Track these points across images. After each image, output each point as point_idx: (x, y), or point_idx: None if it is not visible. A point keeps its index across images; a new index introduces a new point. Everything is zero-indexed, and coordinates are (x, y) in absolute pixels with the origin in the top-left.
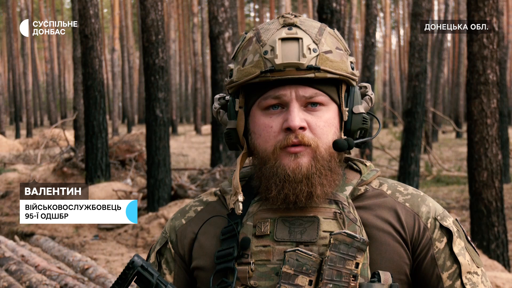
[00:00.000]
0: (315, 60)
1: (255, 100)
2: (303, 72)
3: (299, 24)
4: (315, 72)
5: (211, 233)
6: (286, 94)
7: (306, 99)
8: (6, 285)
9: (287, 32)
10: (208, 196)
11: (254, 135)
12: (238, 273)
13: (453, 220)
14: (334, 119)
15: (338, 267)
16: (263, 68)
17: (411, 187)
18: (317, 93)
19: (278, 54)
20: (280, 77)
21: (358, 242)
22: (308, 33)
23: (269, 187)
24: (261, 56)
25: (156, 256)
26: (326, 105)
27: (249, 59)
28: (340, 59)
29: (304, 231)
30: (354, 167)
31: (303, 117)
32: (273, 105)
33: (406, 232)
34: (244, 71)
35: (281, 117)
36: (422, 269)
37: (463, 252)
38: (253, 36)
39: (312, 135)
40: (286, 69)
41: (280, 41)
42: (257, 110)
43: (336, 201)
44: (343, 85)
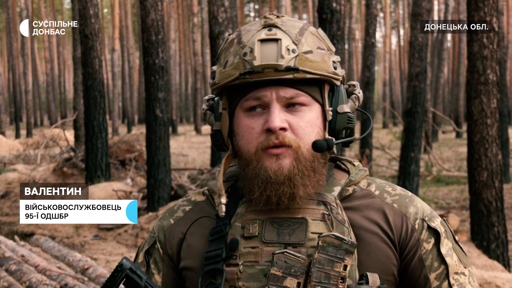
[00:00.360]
0: (294, 61)
1: (238, 102)
2: (281, 73)
3: (279, 24)
4: (293, 73)
5: (200, 234)
6: (267, 95)
7: (287, 100)
8: (6, 285)
9: (266, 33)
10: (197, 196)
11: (238, 137)
12: (227, 275)
13: (441, 221)
14: (317, 119)
15: (327, 269)
16: (242, 70)
17: (399, 187)
18: (298, 93)
19: (257, 56)
20: (258, 78)
21: (347, 245)
22: (288, 33)
23: (252, 188)
24: (240, 58)
25: (145, 256)
26: (308, 105)
27: (230, 61)
28: (321, 59)
29: (293, 233)
30: (342, 167)
31: (284, 118)
32: (255, 106)
33: (394, 233)
34: (225, 73)
35: (262, 118)
36: (409, 269)
37: (451, 253)
38: (235, 38)
39: (294, 136)
40: (265, 70)
41: (259, 42)
42: (240, 112)
43: (325, 202)
44: (326, 85)
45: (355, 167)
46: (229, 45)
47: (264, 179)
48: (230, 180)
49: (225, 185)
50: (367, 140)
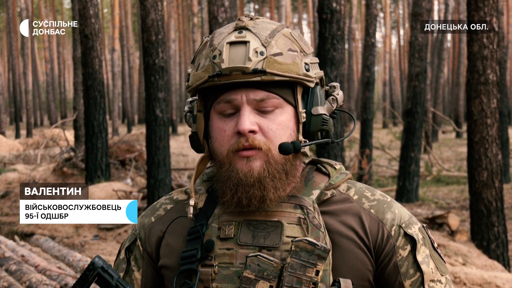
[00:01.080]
0: (261, 63)
1: (212, 104)
2: (249, 76)
3: (251, 27)
4: (261, 75)
5: (178, 233)
6: (237, 98)
7: (258, 102)
8: (6, 285)
9: (236, 35)
10: (179, 194)
11: (212, 139)
12: (201, 275)
13: (419, 227)
14: (289, 121)
15: (299, 274)
16: (211, 72)
17: (379, 192)
18: (269, 95)
19: (225, 58)
20: (227, 81)
21: (319, 250)
22: (257, 36)
23: (225, 190)
24: (210, 61)
25: (126, 253)
26: (280, 107)
27: (201, 64)
28: (291, 61)
29: (268, 236)
30: (322, 170)
31: (254, 121)
32: (226, 109)
33: (369, 239)
34: (197, 76)
35: (234, 121)
36: (385, 276)
37: (427, 260)
38: (208, 40)
39: (264, 138)
40: (233, 73)
41: (228, 45)
42: (214, 114)
43: (302, 206)
44: (299, 87)
45: (336, 170)
46: (203, 47)
47: (235, 181)
48: (211, 180)
49: (206, 184)
50: (367, 140)
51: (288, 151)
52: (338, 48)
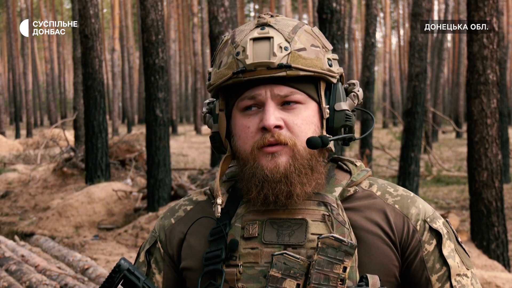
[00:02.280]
0: (286, 58)
1: (234, 102)
2: (274, 71)
3: (273, 23)
4: (286, 70)
5: (200, 234)
6: (261, 93)
7: (282, 98)
8: (6, 285)
9: (259, 32)
10: (198, 195)
11: (235, 137)
12: (226, 276)
13: (443, 222)
14: (313, 117)
15: (326, 271)
16: (235, 69)
17: (401, 187)
18: (293, 91)
19: (249, 54)
20: (251, 77)
21: (346, 246)
22: (280, 31)
23: (250, 188)
24: (233, 57)
25: (146, 255)
26: (304, 103)
27: (224, 61)
28: (315, 56)
29: (292, 234)
30: (344, 168)
31: (279, 116)
32: (250, 105)
33: (395, 235)
34: (219, 73)
35: (258, 117)
36: (411, 271)
37: (453, 255)
38: (229, 38)
39: (289, 134)
40: (257, 68)
41: (252, 41)
42: (237, 112)
43: (325, 203)
44: (322, 83)
45: (357, 167)
46: (223, 45)
47: (261, 178)
48: (232, 180)
49: (226, 185)
50: (367, 140)
51: (316, 145)
52: (338, 48)
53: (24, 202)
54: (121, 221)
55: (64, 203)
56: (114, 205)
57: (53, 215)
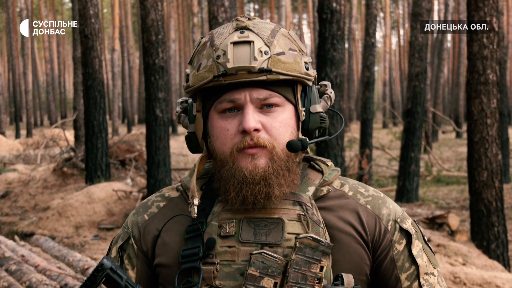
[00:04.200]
0: (266, 62)
1: (212, 104)
2: (255, 75)
3: (251, 27)
4: (267, 75)
5: (175, 231)
6: (241, 97)
7: (261, 101)
8: (6, 285)
9: (239, 35)
10: (171, 192)
11: (212, 138)
12: (204, 273)
13: (412, 222)
14: (290, 119)
15: (303, 270)
16: (216, 72)
17: (371, 188)
18: (272, 94)
19: (230, 58)
20: (232, 80)
21: (323, 246)
22: (260, 35)
23: (228, 189)
24: (214, 61)
25: (118, 251)
26: (282, 106)
27: (203, 64)
28: (293, 60)
29: (269, 233)
30: (316, 167)
31: (258, 119)
32: (229, 108)
33: (367, 234)
34: (199, 76)
35: (237, 119)
36: (381, 270)
37: (421, 254)
38: (208, 41)
39: (268, 136)
40: (238, 72)
41: (232, 45)
42: (214, 114)
43: (300, 203)
44: (299, 86)
45: (328, 167)
46: (202, 48)
47: (240, 179)
48: (205, 177)
49: (200, 182)
50: (367, 140)
51: (296, 148)
52: (338, 48)
53: (24, 202)
54: (121, 221)
55: (64, 203)
56: (114, 205)
57: (53, 215)
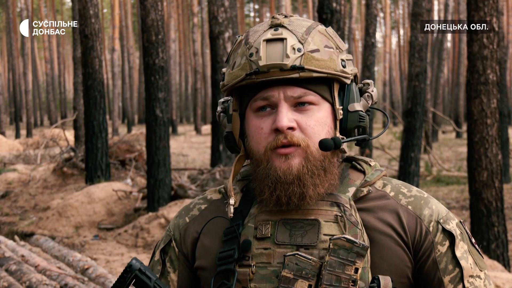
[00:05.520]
0: (299, 59)
1: (248, 103)
2: (287, 73)
3: (286, 24)
4: (299, 72)
5: (214, 233)
6: (274, 95)
7: (295, 99)
8: (6, 285)
9: (272, 33)
10: (213, 194)
11: (248, 137)
12: (239, 275)
13: (457, 223)
14: (326, 118)
15: (337, 272)
16: (249, 70)
17: (415, 188)
18: (306, 92)
19: (262, 56)
20: (264, 78)
21: (358, 247)
22: (294, 33)
23: (262, 189)
24: (247, 59)
25: (161, 254)
26: (317, 104)
27: (237, 62)
28: (328, 57)
29: (305, 234)
30: (357, 168)
31: (292, 117)
32: (263, 106)
33: (407, 236)
34: (233, 74)
35: (271, 118)
36: (424, 272)
37: (466, 256)
38: (243, 39)
39: (302, 135)
40: (270, 70)
41: (265, 42)
42: (250, 112)
43: (338, 204)
44: (336, 84)
45: (371, 167)
46: (237, 46)
47: (274, 179)
48: (246, 179)
49: (240, 184)
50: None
51: (328, 147)
52: None
53: (24, 202)
54: (121, 221)
55: (64, 203)
56: (114, 205)
57: (53, 215)
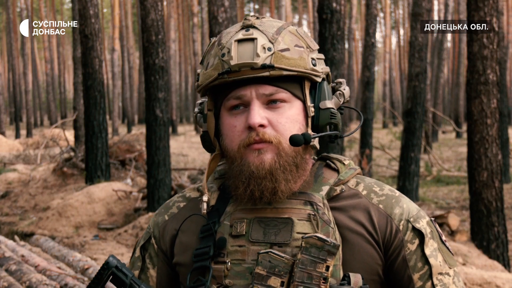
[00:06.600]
0: (270, 58)
1: (221, 102)
2: (258, 71)
3: (257, 25)
4: (269, 70)
5: (192, 230)
6: (247, 93)
7: (267, 97)
8: (6, 285)
9: (243, 33)
10: (191, 192)
11: (223, 136)
12: (214, 272)
13: (427, 221)
14: (298, 115)
15: (309, 269)
16: (221, 70)
17: (388, 186)
18: (278, 90)
19: (233, 55)
20: (236, 77)
21: (329, 246)
22: (264, 33)
23: (237, 184)
24: (219, 59)
25: (141, 251)
26: (289, 101)
27: (211, 62)
28: (298, 56)
29: (279, 233)
30: (332, 166)
31: (264, 115)
32: (237, 105)
33: (378, 234)
34: (206, 74)
35: (244, 116)
36: (394, 269)
37: (435, 254)
38: (216, 40)
39: (274, 132)
40: (242, 69)
41: (236, 42)
42: (224, 111)
43: (311, 202)
44: (307, 82)
45: (345, 166)
46: (211, 47)
47: (247, 174)
48: (222, 177)
49: (218, 182)
50: (367, 140)
51: (298, 142)
52: (338, 48)
53: (24, 202)
54: (121, 221)
55: (64, 203)
56: (114, 205)
57: (53, 215)
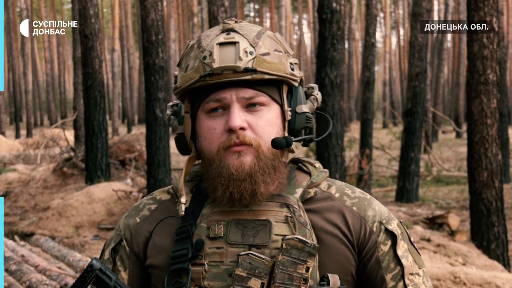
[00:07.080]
0: (252, 62)
1: (200, 104)
2: (240, 75)
3: (237, 29)
4: (252, 74)
5: (166, 233)
6: (227, 96)
7: (247, 100)
8: (6, 285)
9: (225, 37)
10: (162, 194)
11: (200, 138)
12: (192, 274)
13: (397, 223)
14: (276, 118)
15: (290, 271)
16: (202, 72)
17: (358, 189)
18: (257, 93)
19: (216, 58)
20: (218, 80)
21: (309, 247)
22: (245, 37)
23: (216, 187)
24: (200, 61)
25: (111, 253)
26: (267, 105)
27: (190, 65)
28: (278, 60)
29: (257, 234)
30: (303, 169)
31: (244, 118)
32: (216, 107)
33: (352, 235)
34: (186, 77)
35: (223, 119)
36: (367, 270)
37: (406, 255)
38: (195, 43)
39: (254, 135)
40: (224, 72)
41: (218, 45)
42: (202, 114)
43: (287, 205)
44: (284, 86)
45: (316, 168)
46: (189, 50)
47: (227, 176)
48: (195, 179)
49: (190, 184)
50: (367, 140)
51: (281, 145)
52: (338, 48)
53: (24, 202)
54: None
55: (64, 203)
56: (114, 205)
57: (53, 215)
